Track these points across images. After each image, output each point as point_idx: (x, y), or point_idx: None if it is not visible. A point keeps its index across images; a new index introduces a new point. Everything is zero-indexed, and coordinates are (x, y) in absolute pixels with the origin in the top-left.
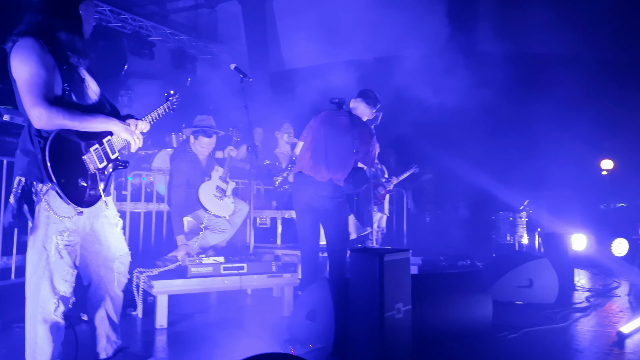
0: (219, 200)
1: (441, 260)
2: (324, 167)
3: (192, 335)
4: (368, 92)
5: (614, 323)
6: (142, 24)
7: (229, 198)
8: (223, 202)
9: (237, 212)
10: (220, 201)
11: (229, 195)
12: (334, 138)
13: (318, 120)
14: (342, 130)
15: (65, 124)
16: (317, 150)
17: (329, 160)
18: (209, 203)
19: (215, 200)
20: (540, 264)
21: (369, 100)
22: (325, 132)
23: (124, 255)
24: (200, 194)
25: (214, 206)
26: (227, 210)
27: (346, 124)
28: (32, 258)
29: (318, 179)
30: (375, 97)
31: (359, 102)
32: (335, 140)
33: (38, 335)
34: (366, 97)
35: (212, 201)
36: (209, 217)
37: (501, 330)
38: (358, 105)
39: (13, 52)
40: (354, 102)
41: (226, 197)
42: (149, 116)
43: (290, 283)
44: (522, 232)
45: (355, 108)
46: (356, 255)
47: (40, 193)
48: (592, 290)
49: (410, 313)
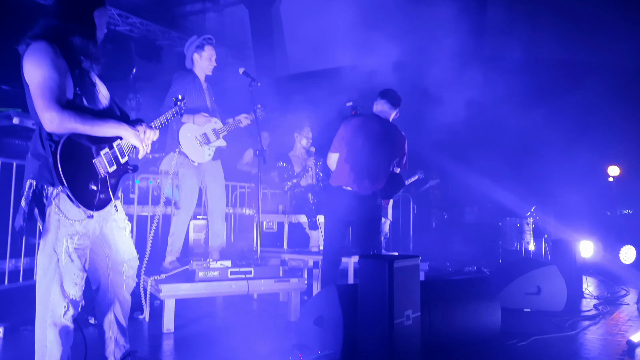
0: (198, 146)
1: (447, 266)
2: (367, 180)
3: (199, 340)
4: (390, 92)
5: (623, 332)
6: (150, 28)
7: (209, 149)
8: (201, 148)
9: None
10: (198, 147)
11: (211, 147)
12: (372, 149)
13: (350, 129)
14: (378, 139)
15: (77, 128)
16: (357, 163)
17: (371, 174)
18: (186, 142)
19: (194, 143)
20: (548, 271)
21: (392, 101)
22: (362, 143)
23: (132, 259)
24: (182, 131)
25: (190, 148)
26: (200, 158)
27: (380, 131)
28: (42, 261)
29: (362, 192)
30: (397, 97)
31: (384, 104)
32: (374, 152)
33: (47, 338)
34: (389, 98)
35: (190, 142)
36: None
37: (510, 338)
38: (383, 107)
39: (26, 55)
40: (377, 104)
41: (207, 146)
42: (157, 121)
43: (298, 288)
44: (529, 239)
45: (381, 111)
46: (365, 261)
47: (51, 196)
48: (600, 298)
49: (419, 320)
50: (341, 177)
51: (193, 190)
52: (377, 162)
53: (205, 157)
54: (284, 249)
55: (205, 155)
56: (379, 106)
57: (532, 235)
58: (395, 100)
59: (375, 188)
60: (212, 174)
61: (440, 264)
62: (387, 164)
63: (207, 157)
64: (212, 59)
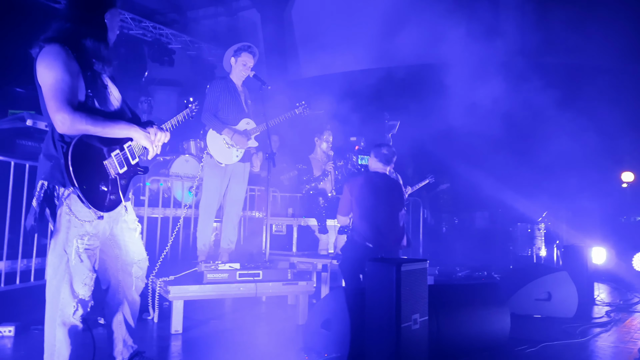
0: (226, 147)
1: (457, 271)
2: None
3: (207, 342)
4: (382, 151)
5: (635, 339)
6: (163, 32)
7: (237, 150)
8: (229, 150)
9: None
10: (226, 148)
11: (240, 149)
12: (384, 205)
13: (356, 189)
14: (386, 193)
15: (88, 130)
16: (374, 221)
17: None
18: (213, 143)
19: (221, 144)
20: (559, 277)
21: (385, 159)
22: (375, 203)
23: (142, 260)
24: (210, 132)
25: (217, 149)
26: (227, 159)
27: (384, 186)
28: (52, 261)
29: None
30: (390, 154)
31: (377, 162)
32: (386, 207)
33: (57, 338)
34: (381, 157)
35: (217, 143)
36: (205, 157)
37: (519, 344)
38: (377, 165)
39: (39, 57)
40: (372, 161)
41: (235, 147)
42: (168, 123)
43: (306, 291)
44: (541, 244)
45: (377, 168)
46: (373, 264)
47: (62, 197)
48: (612, 305)
49: (427, 324)
50: (361, 233)
51: (214, 191)
52: (390, 216)
53: (233, 158)
54: (292, 252)
55: (233, 156)
56: (374, 164)
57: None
58: (387, 158)
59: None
60: (237, 177)
61: (450, 269)
62: (398, 215)
63: (234, 158)
64: (247, 64)
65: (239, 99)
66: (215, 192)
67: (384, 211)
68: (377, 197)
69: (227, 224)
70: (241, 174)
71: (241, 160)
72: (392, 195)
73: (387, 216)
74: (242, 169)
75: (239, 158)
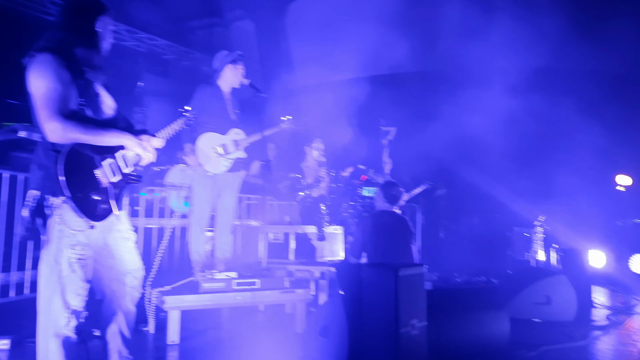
0: (214, 156)
1: (455, 277)
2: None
3: (204, 352)
4: (388, 191)
5: (635, 341)
6: (157, 43)
7: (226, 160)
8: (217, 159)
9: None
10: (214, 157)
11: (228, 158)
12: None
13: (368, 230)
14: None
15: (80, 138)
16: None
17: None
18: (202, 152)
19: (210, 153)
20: (558, 281)
21: (391, 200)
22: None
23: (137, 270)
24: (199, 141)
25: (205, 158)
26: (215, 168)
27: (392, 223)
28: (44, 272)
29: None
30: (396, 194)
31: (384, 202)
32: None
33: (49, 349)
34: (388, 197)
35: (206, 152)
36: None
37: (519, 349)
38: (384, 204)
39: (30, 67)
40: (378, 201)
41: (223, 157)
42: (163, 132)
43: (304, 299)
44: (538, 248)
45: (384, 207)
46: (371, 269)
47: (53, 206)
48: (611, 308)
49: (425, 329)
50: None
51: (204, 201)
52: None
53: (221, 167)
54: (290, 260)
55: (220, 166)
56: (381, 204)
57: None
58: (395, 198)
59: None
60: (227, 186)
61: (448, 275)
62: (410, 251)
63: (222, 168)
64: (238, 73)
65: (226, 108)
66: (205, 201)
67: (395, 249)
68: (388, 235)
69: (219, 234)
70: (231, 183)
71: (231, 170)
72: (402, 233)
73: (398, 254)
74: (232, 178)
75: (228, 168)
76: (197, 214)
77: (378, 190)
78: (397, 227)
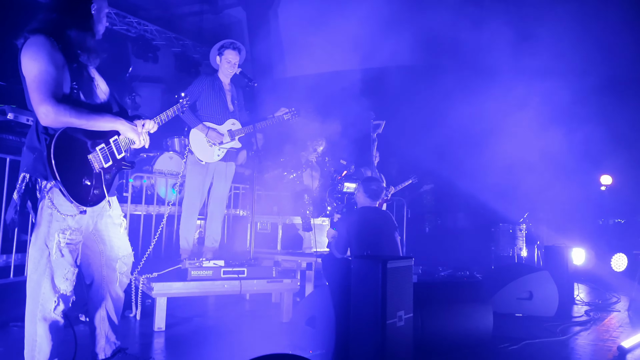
0: (207, 146)
1: (440, 271)
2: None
3: (190, 339)
4: (368, 186)
5: (614, 337)
6: (147, 28)
7: (219, 149)
8: (210, 148)
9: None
10: (208, 146)
11: (222, 148)
12: (382, 237)
13: (353, 226)
14: (381, 226)
15: (72, 122)
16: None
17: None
18: (196, 141)
19: (203, 142)
20: (540, 277)
21: (372, 195)
22: (373, 238)
23: (127, 256)
24: (194, 130)
25: (198, 147)
26: (208, 157)
27: (376, 219)
28: (33, 255)
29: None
30: (378, 190)
31: (366, 198)
32: (384, 239)
33: (37, 333)
34: (369, 193)
35: (199, 141)
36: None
37: (501, 342)
38: (366, 200)
39: (24, 49)
40: (360, 197)
41: (217, 146)
42: (158, 117)
43: (290, 289)
44: (522, 245)
45: (366, 203)
46: (359, 261)
47: (44, 190)
48: (591, 305)
49: (411, 321)
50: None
51: (196, 189)
52: (389, 247)
53: (214, 157)
54: (277, 250)
55: (214, 155)
56: (363, 199)
57: (525, 241)
58: (376, 194)
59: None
60: (220, 175)
61: (432, 269)
62: (395, 244)
63: (215, 157)
64: (231, 62)
65: (224, 98)
66: (197, 190)
67: (380, 244)
68: (373, 232)
69: (210, 223)
70: (223, 172)
71: (223, 160)
72: (387, 228)
73: (384, 249)
74: (224, 167)
75: (221, 157)
76: (189, 202)
77: (359, 185)
78: (381, 222)
